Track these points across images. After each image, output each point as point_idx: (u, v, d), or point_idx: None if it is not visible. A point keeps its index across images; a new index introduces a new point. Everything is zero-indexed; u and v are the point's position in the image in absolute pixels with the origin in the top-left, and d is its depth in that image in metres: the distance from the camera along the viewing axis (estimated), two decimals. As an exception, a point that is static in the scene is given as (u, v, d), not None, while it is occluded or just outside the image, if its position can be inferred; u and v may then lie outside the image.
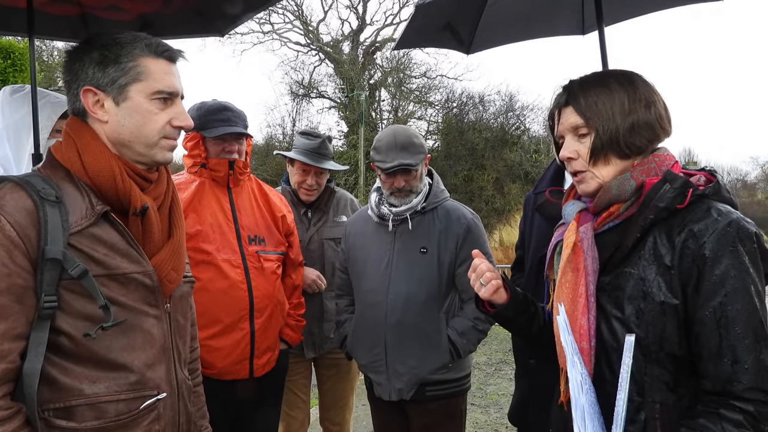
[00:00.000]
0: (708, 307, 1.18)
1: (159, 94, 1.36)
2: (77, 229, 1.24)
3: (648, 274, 1.25)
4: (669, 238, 1.24)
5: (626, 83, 1.34)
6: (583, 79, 1.39)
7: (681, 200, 1.23)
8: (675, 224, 1.24)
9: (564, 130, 1.39)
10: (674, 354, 1.23)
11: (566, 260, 1.35)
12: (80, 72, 1.34)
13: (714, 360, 1.17)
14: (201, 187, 2.31)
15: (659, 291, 1.23)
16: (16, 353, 1.18)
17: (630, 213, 1.30)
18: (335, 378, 3.01)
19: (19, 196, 1.21)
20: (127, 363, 1.29)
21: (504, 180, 20.88)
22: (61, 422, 1.22)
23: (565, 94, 1.38)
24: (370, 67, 23.88)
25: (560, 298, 1.37)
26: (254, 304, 2.26)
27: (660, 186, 1.25)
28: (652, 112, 1.32)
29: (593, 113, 1.32)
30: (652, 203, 1.25)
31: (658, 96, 1.36)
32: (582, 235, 1.34)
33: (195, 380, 1.64)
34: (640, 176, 1.30)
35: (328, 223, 2.96)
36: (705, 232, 1.19)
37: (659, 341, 1.23)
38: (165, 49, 1.39)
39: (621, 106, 1.31)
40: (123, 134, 1.34)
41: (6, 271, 1.16)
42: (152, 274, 1.35)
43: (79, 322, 1.23)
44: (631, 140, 1.31)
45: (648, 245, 1.26)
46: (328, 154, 2.92)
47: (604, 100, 1.32)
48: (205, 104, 2.37)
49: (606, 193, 1.32)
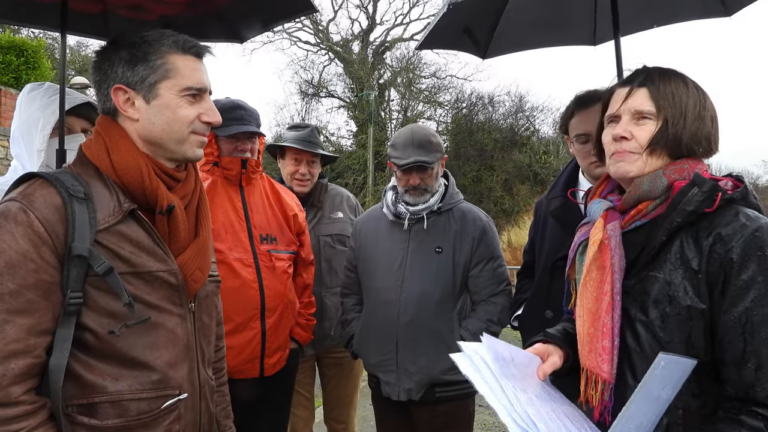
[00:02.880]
0: (733, 312, 1.17)
1: (188, 90, 1.36)
2: (104, 226, 1.25)
3: (674, 278, 1.23)
4: (696, 242, 1.23)
5: (700, 90, 1.34)
6: (664, 68, 1.37)
7: (709, 204, 1.22)
8: (702, 228, 1.23)
9: (626, 110, 1.34)
10: (699, 359, 1.19)
11: (592, 258, 1.33)
12: (110, 71, 1.35)
13: (737, 365, 1.16)
14: (213, 186, 2.31)
15: (685, 295, 1.21)
16: (41, 348, 1.19)
17: (658, 213, 1.28)
18: (338, 377, 3.00)
19: (48, 192, 1.22)
20: (149, 361, 1.29)
21: (513, 181, 20.83)
22: (84, 419, 1.23)
23: (642, 76, 1.35)
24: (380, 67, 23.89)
25: (584, 296, 1.35)
26: (265, 303, 2.26)
27: (688, 189, 1.24)
28: (713, 127, 1.33)
29: (668, 103, 1.30)
30: (680, 206, 1.23)
31: (717, 116, 1.36)
32: (610, 233, 1.32)
33: (220, 380, 1.64)
34: (672, 175, 1.29)
35: (324, 219, 2.94)
36: (733, 237, 1.18)
37: (685, 346, 1.21)
38: (192, 45, 1.39)
39: (694, 108, 1.30)
40: (154, 132, 1.35)
41: (33, 267, 1.17)
42: (177, 273, 1.35)
43: (104, 319, 1.24)
44: (691, 144, 1.29)
45: (674, 248, 1.25)
46: (319, 143, 2.92)
47: (681, 95, 1.31)
48: (218, 102, 2.36)
49: (637, 188, 1.31)
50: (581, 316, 1.36)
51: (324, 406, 3.10)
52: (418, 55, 23.34)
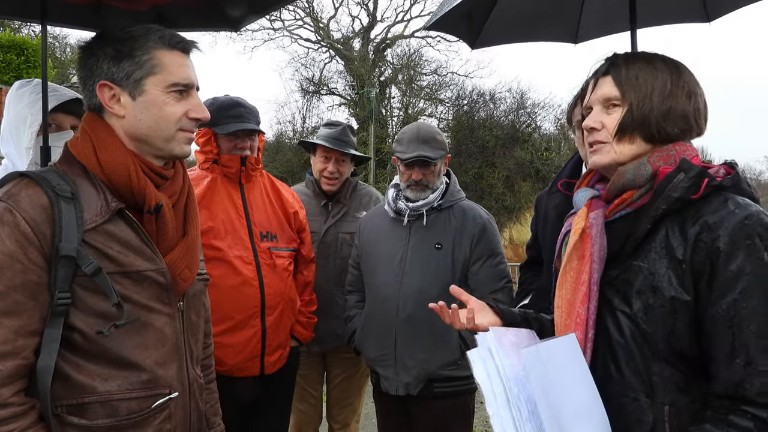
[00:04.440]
0: (721, 304, 1.11)
1: (175, 86, 1.34)
2: (92, 225, 1.24)
3: (658, 267, 1.18)
4: (682, 230, 1.17)
5: (672, 67, 1.29)
6: (629, 53, 1.34)
7: (695, 190, 1.16)
8: (689, 216, 1.17)
9: (595, 100, 1.33)
10: (684, 353, 1.16)
11: (572, 247, 1.30)
12: (95, 67, 1.33)
13: (725, 361, 1.10)
14: (213, 184, 2.31)
15: (669, 286, 1.15)
16: (30, 350, 1.18)
17: (643, 202, 1.24)
18: (342, 376, 2.99)
19: (34, 191, 1.21)
20: (138, 361, 1.29)
21: (514, 178, 20.77)
22: (74, 419, 1.22)
23: (607, 64, 1.33)
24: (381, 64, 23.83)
25: (563, 286, 1.32)
26: (266, 301, 2.26)
27: (674, 175, 1.19)
28: (691, 104, 1.26)
29: (631, 87, 1.26)
30: (665, 193, 1.18)
31: (701, 90, 1.30)
32: (591, 221, 1.29)
33: (208, 377, 1.63)
34: (657, 162, 1.24)
35: (348, 216, 2.93)
36: (720, 225, 1.12)
37: (667, 339, 1.16)
38: (179, 40, 1.38)
39: (662, 88, 1.25)
40: (140, 129, 1.33)
41: (20, 268, 1.16)
42: (166, 272, 1.35)
43: (92, 320, 1.23)
44: (663, 125, 1.24)
45: (659, 237, 1.20)
46: (350, 142, 2.92)
47: (645, 77, 1.26)
48: (218, 100, 2.37)
49: (620, 177, 1.26)
50: (559, 307, 1.33)
51: (326, 402, 3.09)
52: (419, 52, 23.31)
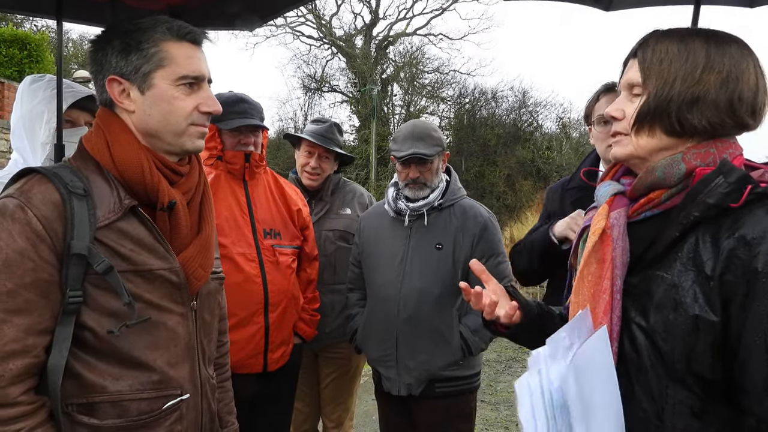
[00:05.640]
0: (758, 332, 0.97)
1: (184, 79, 1.30)
2: (104, 223, 1.22)
3: (683, 281, 1.04)
4: (714, 242, 1.02)
5: (714, 45, 1.09)
6: (668, 30, 1.16)
7: (736, 198, 1.00)
8: (724, 226, 1.02)
9: (623, 84, 1.19)
10: (704, 376, 1.03)
11: (591, 249, 1.15)
12: (104, 62, 1.30)
13: (760, 395, 0.97)
14: (217, 180, 2.31)
15: (694, 303, 1.02)
16: (41, 348, 1.17)
17: (672, 203, 1.10)
18: (333, 375, 2.98)
19: (46, 188, 1.19)
20: (149, 361, 1.27)
21: (516, 177, 20.75)
22: (84, 418, 1.21)
23: (638, 44, 1.17)
24: (383, 62, 23.81)
25: (580, 291, 1.18)
26: (269, 298, 2.26)
27: (712, 178, 1.03)
28: (727, 90, 1.07)
29: (653, 71, 1.11)
30: (699, 197, 1.03)
31: (752, 75, 1.09)
32: (613, 222, 1.15)
33: (223, 375, 1.62)
34: (693, 160, 1.08)
35: (331, 214, 2.93)
36: (761, 241, 0.97)
37: (686, 360, 1.03)
38: (188, 31, 1.32)
39: (690, 71, 1.08)
40: (151, 124, 1.31)
41: (32, 266, 1.15)
42: (179, 271, 1.32)
43: (104, 318, 1.21)
44: (684, 115, 1.08)
45: (687, 247, 1.05)
46: (335, 140, 2.92)
47: (672, 59, 1.10)
48: (222, 96, 2.36)
49: (649, 174, 1.12)
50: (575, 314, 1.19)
51: (321, 401, 3.08)
52: (421, 50, 23.29)
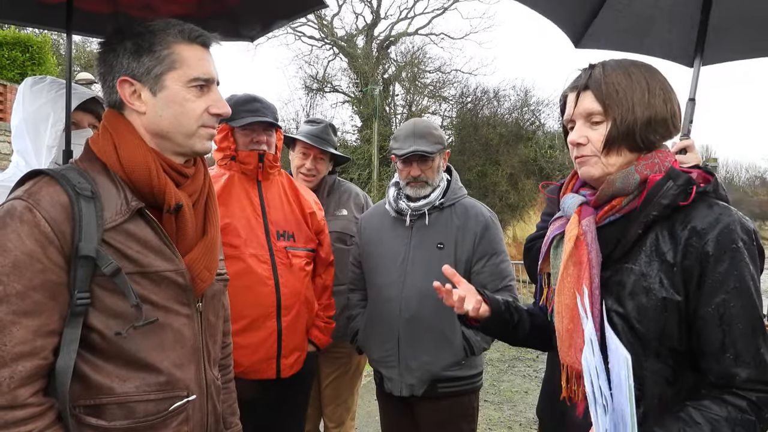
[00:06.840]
0: (711, 304, 1.20)
1: (195, 81, 1.33)
2: (112, 225, 1.23)
3: (650, 270, 1.26)
4: (672, 235, 1.25)
5: (647, 74, 1.33)
6: (606, 64, 1.36)
7: (684, 197, 1.24)
8: (677, 221, 1.25)
9: (578, 114, 1.36)
10: (675, 349, 1.25)
11: (569, 254, 1.34)
12: (115, 63, 1.31)
13: (717, 355, 1.20)
14: (230, 181, 2.29)
15: (661, 287, 1.24)
16: (49, 350, 1.17)
17: (631, 207, 1.31)
18: (333, 375, 2.97)
19: (54, 190, 1.19)
20: (156, 363, 1.28)
21: (518, 176, 20.72)
22: (91, 419, 1.21)
23: (586, 78, 1.35)
24: (384, 62, 23.78)
25: (562, 292, 1.36)
26: (281, 301, 2.23)
27: (663, 183, 1.26)
28: (668, 108, 1.32)
29: (613, 102, 1.30)
30: (655, 200, 1.26)
31: (674, 92, 1.35)
32: (585, 228, 1.33)
33: (227, 376, 1.62)
34: (644, 170, 1.30)
35: (327, 215, 2.87)
36: (708, 231, 1.21)
37: (660, 336, 1.25)
38: (198, 34, 1.36)
39: (641, 98, 1.30)
40: (162, 125, 1.32)
41: (40, 267, 1.15)
42: (185, 273, 1.33)
43: (111, 320, 1.22)
44: (646, 134, 1.30)
45: (649, 241, 1.28)
46: (330, 141, 2.90)
47: (625, 89, 1.30)
48: (234, 96, 2.35)
49: (610, 186, 1.32)
50: (560, 313, 1.37)
51: (321, 402, 3.07)
52: (423, 49, 23.25)
